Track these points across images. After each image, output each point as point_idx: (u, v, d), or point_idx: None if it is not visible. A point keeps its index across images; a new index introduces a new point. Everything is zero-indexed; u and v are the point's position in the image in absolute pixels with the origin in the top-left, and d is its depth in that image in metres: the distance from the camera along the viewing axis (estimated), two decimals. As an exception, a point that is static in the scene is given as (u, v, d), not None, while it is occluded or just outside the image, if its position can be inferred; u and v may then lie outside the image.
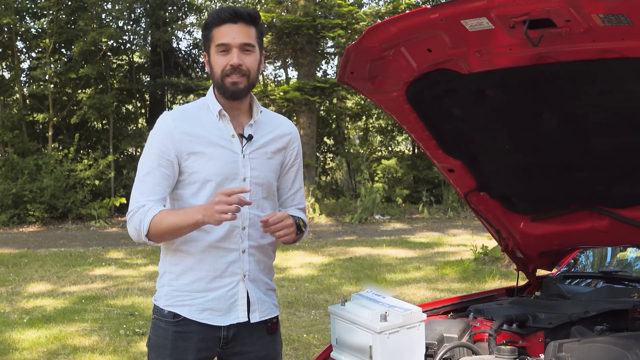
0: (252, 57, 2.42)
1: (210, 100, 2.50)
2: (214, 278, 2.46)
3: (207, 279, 2.46)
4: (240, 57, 2.39)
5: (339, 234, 13.09)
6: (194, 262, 2.46)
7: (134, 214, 2.41)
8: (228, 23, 2.39)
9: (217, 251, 2.45)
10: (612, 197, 2.83)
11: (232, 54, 2.39)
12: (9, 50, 16.32)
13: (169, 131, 2.43)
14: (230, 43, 2.38)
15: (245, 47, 2.40)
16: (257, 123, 2.52)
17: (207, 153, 2.42)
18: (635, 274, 3.41)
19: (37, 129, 17.38)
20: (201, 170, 2.42)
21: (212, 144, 2.43)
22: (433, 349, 2.54)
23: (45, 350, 5.79)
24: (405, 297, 7.46)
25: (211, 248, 2.44)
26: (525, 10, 2.13)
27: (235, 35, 2.38)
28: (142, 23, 18.67)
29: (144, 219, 2.38)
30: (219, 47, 2.40)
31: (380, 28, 2.44)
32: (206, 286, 2.46)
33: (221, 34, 2.39)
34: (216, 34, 2.40)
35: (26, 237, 13.24)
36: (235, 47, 2.38)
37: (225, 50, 2.39)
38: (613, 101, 2.40)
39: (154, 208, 2.39)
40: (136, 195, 2.45)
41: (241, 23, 2.39)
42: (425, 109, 2.78)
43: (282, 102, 16.13)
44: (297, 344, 5.82)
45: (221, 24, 2.40)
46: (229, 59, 2.39)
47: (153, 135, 2.48)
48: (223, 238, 2.44)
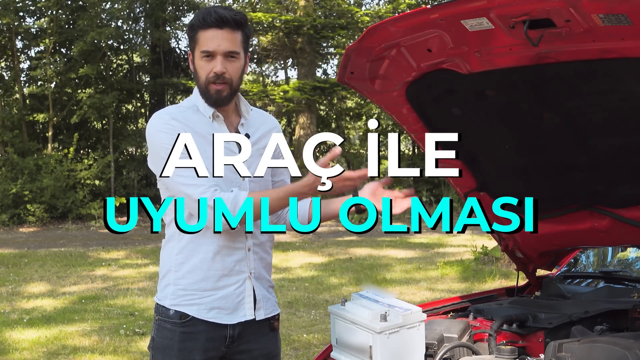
0: (236, 64, 2.42)
1: (199, 103, 2.48)
2: (221, 276, 2.46)
3: (214, 278, 2.46)
4: (224, 64, 2.38)
5: (339, 234, 13.09)
6: (202, 261, 2.46)
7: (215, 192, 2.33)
8: (213, 28, 2.37)
9: (224, 250, 2.45)
10: (612, 197, 2.82)
11: (216, 61, 2.38)
12: (8, 50, 16.35)
13: (169, 123, 2.42)
14: (215, 50, 2.37)
15: (229, 54, 2.39)
16: (248, 122, 2.54)
17: (209, 153, 2.42)
18: (635, 274, 3.40)
19: (37, 129, 17.39)
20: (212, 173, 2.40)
21: (210, 143, 2.43)
22: (433, 349, 2.54)
23: (45, 350, 5.79)
24: (405, 297, 7.46)
25: (219, 247, 2.44)
26: (525, 10, 2.13)
27: (220, 42, 2.37)
28: (142, 23, 18.68)
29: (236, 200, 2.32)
30: (203, 53, 2.39)
31: (380, 28, 2.44)
32: (214, 285, 2.46)
33: (206, 40, 2.38)
34: (201, 38, 2.39)
35: (26, 237, 13.25)
36: (220, 55, 2.38)
37: (209, 56, 2.39)
38: (613, 101, 2.40)
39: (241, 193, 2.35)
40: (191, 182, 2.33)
41: (227, 29, 2.38)
42: (425, 109, 2.78)
43: (282, 102, 16.13)
44: (297, 344, 5.82)
45: (207, 29, 2.38)
46: (212, 66, 2.38)
47: (155, 132, 2.43)
48: (231, 237, 2.44)
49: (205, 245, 2.43)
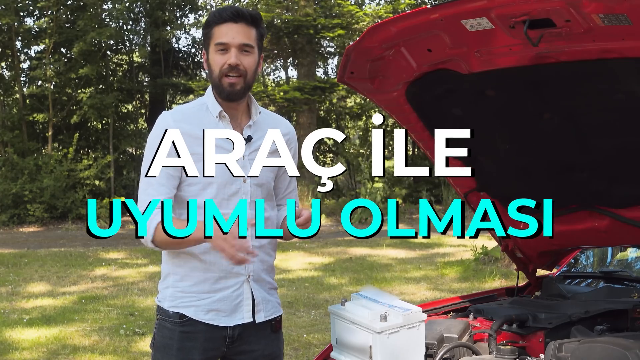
0: (250, 58, 2.42)
1: (209, 101, 2.48)
2: (219, 279, 2.46)
3: (212, 280, 2.46)
4: (238, 56, 2.39)
5: (339, 234, 13.08)
6: (199, 264, 2.46)
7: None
8: (229, 22, 2.39)
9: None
10: (612, 197, 2.82)
11: (231, 53, 2.38)
12: (8, 50, 16.33)
13: (168, 123, 2.42)
14: (229, 42, 2.38)
15: (244, 47, 2.39)
16: (255, 124, 2.52)
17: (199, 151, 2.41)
18: (635, 274, 3.40)
19: (37, 129, 17.37)
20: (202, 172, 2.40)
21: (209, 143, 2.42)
22: (433, 349, 2.54)
23: (45, 350, 5.79)
24: (405, 297, 7.45)
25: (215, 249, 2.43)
26: (525, 10, 2.13)
27: (235, 35, 2.38)
28: (142, 23, 18.68)
29: (150, 225, 2.34)
30: (218, 46, 2.39)
31: (380, 28, 2.45)
32: (211, 287, 2.46)
33: (221, 33, 2.39)
34: (216, 32, 2.40)
35: (26, 237, 13.24)
36: (234, 47, 2.38)
37: (224, 49, 2.39)
38: (613, 101, 2.40)
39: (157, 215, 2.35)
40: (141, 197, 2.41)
41: (242, 23, 2.39)
42: (425, 109, 2.78)
43: (282, 102, 16.13)
44: (297, 344, 5.82)
45: (222, 23, 2.40)
46: (227, 58, 2.39)
47: (155, 136, 2.45)
48: None
49: (202, 248, 2.42)
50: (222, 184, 2.42)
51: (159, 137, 2.40)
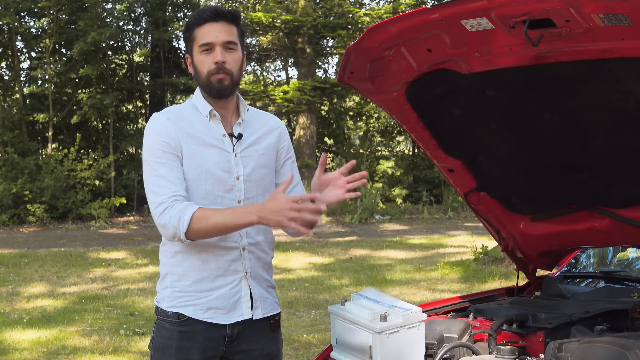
0: (235, 54, 2.44)
1: (198, 102, 2.50)
2: (216, 277, 2.46)
3: (210, 278, 2.46)
4: (223, 54, 2.41)
5: (339, 234, 13.08)
6: (196, 262, 2.46)
7: (166, 209, 2.32)
8: (210, 22, 2.41)
9: (218, 250, 2.45)
10: (612, 197, 2.83)
11: (216, 52, 2.40)
12: (8, 50, 16.33)
13: (166, 128, 2.43)
14: (213, 41, 2.40)
15: (228, 45, 2.42)
16: (245, 121, 2.54)
17: (201, 153, 2.43)
18: (635, 274, 3.40)
19: (37, 129, 17.37)
20: (195, 170, 2.42)
21: (205, 143, 2.44)
22: (433, 349, 2.54)
23: (45, 350, 5.79)
24: (405, 297, 7.46)
25: (212, 247, 2.44)
26: (525, 10, 2.13)
27: (218, 33, 2.40)
28: (142, 23, 18.68)
29: (183, 216, 2.30)
30: (202, 47, 2.41)
31: (380, 28, 2.45)
32: (209, 285, 2.46)
33: (203, 34, 2.41)
34: (198, 34, 2.42)
35: (26, 237, 13.24)
36: (219, 45, 2.40)
37: (208, 49, 2.41)
38: (613, 101, 2.40)
39: (191, 205, 2.32)
40: (158, 190, 2.36)
41: (223, 22, 2.42)
42: (425, 109, 2.78)
43: (282, 102, 16.13)
44: (297, 344, 5.82)
45: (203, 24, 2.41)
46: (213, 57, 2.41)
47: (151, 136, 2.45)
48: (223, 237, 2.44)
49: (198, 246, 2.43)
50: (214, 183, 2.43)
51: (158, 135, 2.42)
